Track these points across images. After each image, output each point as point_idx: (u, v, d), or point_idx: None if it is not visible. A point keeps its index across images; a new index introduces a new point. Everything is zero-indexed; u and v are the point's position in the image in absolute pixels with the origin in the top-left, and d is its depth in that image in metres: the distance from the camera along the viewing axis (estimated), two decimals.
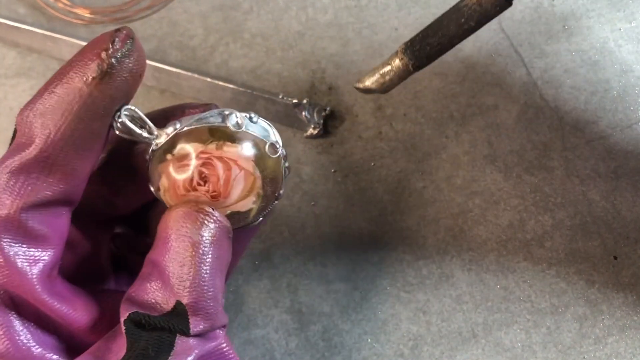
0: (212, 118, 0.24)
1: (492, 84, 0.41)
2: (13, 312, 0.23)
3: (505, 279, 0.38)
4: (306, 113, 0.40)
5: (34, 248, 0.23)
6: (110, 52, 0.22)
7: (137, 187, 0.27)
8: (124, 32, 0.22)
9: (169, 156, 0.24)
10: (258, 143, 0.25)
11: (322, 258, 0.39)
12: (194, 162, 0.24)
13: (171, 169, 0.24)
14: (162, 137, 0.24)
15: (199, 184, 0.24)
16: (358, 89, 0.31)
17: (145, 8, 0.43)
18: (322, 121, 0.40)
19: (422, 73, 0.40)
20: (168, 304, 0.22)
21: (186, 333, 0.22)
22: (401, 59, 0.30)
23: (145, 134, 0.24)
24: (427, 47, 0.29)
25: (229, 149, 0.24)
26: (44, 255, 0.23)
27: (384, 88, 0.31)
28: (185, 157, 0.24)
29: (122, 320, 0.22)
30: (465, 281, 0.38)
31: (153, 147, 0.25)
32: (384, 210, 0.39)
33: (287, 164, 0.26)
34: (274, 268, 0.39)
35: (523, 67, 0.41)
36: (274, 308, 0.39)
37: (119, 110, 0.23)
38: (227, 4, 0.43)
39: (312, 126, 0.40)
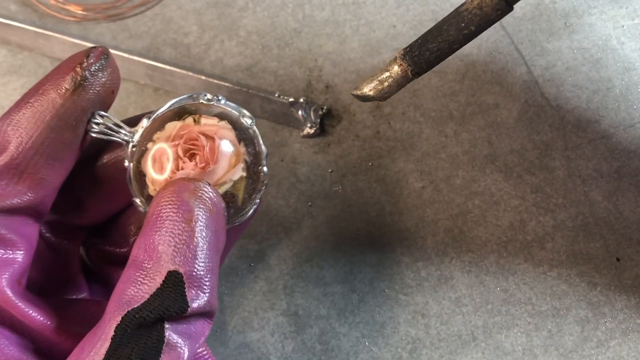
0: (184, 100, 0.26)
1: (492, 83, 0.41)
2: None
3: (505, 281, 0.38)
4: (302, 112, 0.40)
5: (2, 253, 0.23)
6: (84, 65, 0.23)
7: (105, 197, 0.27)
8: (99, 49, 0.24)
9: (149, 144, 0.25)
10: (232, 115, 0.26)
11: (319, 260, 0.39)
12: (176, 142, 0.25)
13: (155, 156, 0.25)
14: (139, 131, 0.25)
15: (185, 162, 0.25)
16: (356, 96, 0.31)
17: (139, 5, 0.43)
18: (318, 120, 0.40)
19: None
20: (157, 280, 0.22)
21: (183, 310, 0.21)
22: (400, 65, 0.29)
23: (122, 134, 0.25)
24: (426, 52, 0.28)
25: (207, 121, 0.25)
26: (12, 260, 0.24)
27: (382, 95, 0.30)
28: (167, 139, 0.25)
29: (114, 325, 0.22)
30: (465, 283, 0.38)
31: (132, 145, 0.25)
32: (381, 211, 0.39)
33: (264, 147, 0.27)
34: (269, 270, 0.39)
35: (524, 65, 0.41)
36: (269, 311, 0.38)
37: (93, 115, 0.25)
38: (222, 1, 0.43)
39: (309, 125, 0.40)
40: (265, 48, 0.42)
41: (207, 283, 0.22)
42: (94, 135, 0.25)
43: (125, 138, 0.25)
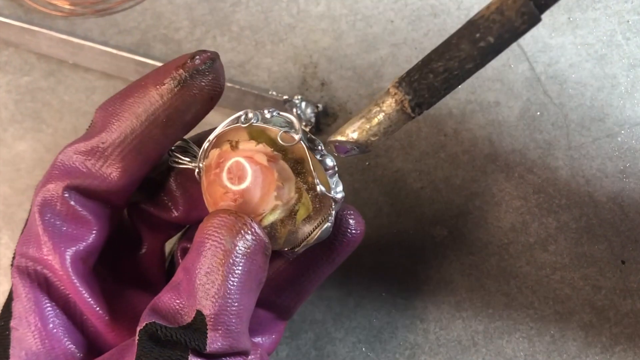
0: (230, 122, 0.25)
1: (493, 79, 0.41)
2: (45, 295, 0.25)
3: (507, 284, 0.38)
4: (297, 110, 0.40)
5: (73, 228, 0.25)
6: (187, 66, 0.24)
7: (192, 200, 0.28)
8: (208, 53, 0.25)
9: (202, 173, 0.26)
10: (273, 137, 0.25)
11: None
12: (217, 171, 0.25)
13: (205, 185, 0.26)
14: (200, 157, 0.26)
15: (226, 191, 0.25)
16: (335, 142, 0.24)
17: None
18: (314, 118, 0.40)
19: None
20: (189, 316, 0.23)
21: (201, 349, 0.22)
22: (394, 95, 0.23)
23: (191, 161, 0.26)
24: (429, 75, 0.22)
25: (244, 146, 0.25)
26: (82, 237, 0.25)
27: (370, 138, 0.23)
28: (210, 167, 0.25)
29: (137, 329, 0.23)
30: (465, 287, 0.38)
31: (197, 170, 0.26)
32: (379, 212, 0.39)
33: (329, 161, 0.25)
34: None
35: (526, 61, 0.41)
36: None
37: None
38: None
39: (304, 124, 0.40)
40: (259, 44, 0.42)
41: (232, 327, 0.23)
42: (171, 161, 0.26)
43: (193, 167, 0.26)
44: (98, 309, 0.25)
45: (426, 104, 0.23)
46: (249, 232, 0.23)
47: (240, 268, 0.23)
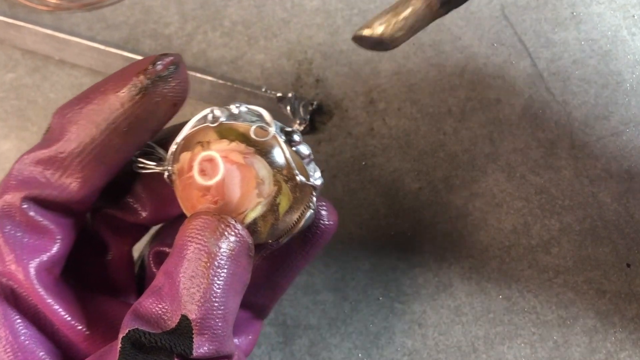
0: (197, 122, 0.25)
1: (493, 76, 0.41)
2: (13, 308, 0.25)
3: (508, 288, 0.38)
4: (291, 107, 0.40)
5: (35, 239, 0.25)
6: (148, 73, 0.24)
7: (159, 200, 0.28)
8: (170, 57, 0.24)
9: (173, 177, 0.26)
10: (244, 132, 0.24)
11: (309, 265, 0.38)
12: (191, 173, 0.25)
13: (180, 189, 0.25)
14: (169, 160, 0.26)
15: (204, 194, 0.25)
16: (359, 38, 0.25)
17: None
18: (308, 116, 0.40)
19: (417, 64, 0.41)
20: (173, 320, 0.22)
21: (187, 354, 0.22)
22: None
23: (159, 165, 0.26)
24: None
25: (216, 146, 0.24)
26: (44, 247, 0.25)
27: (396, 34, 0.25)
28: (183, 171, 0.25)
29: (120, 336, 0.22)
30: (465, 291, 0.38)
31: (167, 174, 0.26)
32: (376, 213, 0.39)
33: (305, 149, 0.25)
34: None
35: (528, 57, 0.41)
36: None
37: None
38: None
39: (298, 122, 0.40)
40: (252, 39, 0.42)
41: (218, 331, 0.23)
42: (136, 168, 0.26)
43: (162, 170, 0.26)
44: (68, 318, 0.25)
45: (453, 3, 0.25)
46: (233, 233, 0.23)
47: (225, 271, 0.23)
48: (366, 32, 0.25)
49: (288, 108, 0.40)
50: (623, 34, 0.41)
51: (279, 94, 0.40)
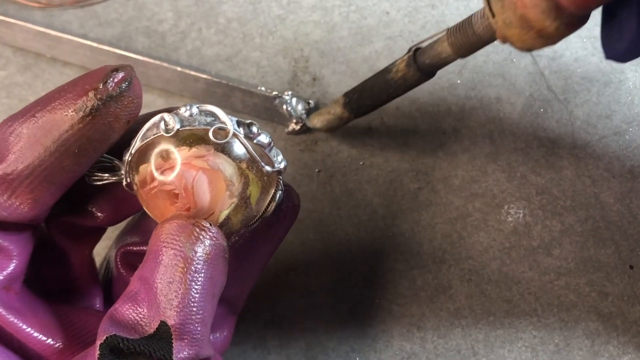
0: (149, 131, 0.25)
1: (494, 74, 0.41)
2: None
3: (508, 290, 0.38)
4: (287, 106, 0.40)
5: None
6: (99, 92, 0.23)
7: (115, 201, 0.28)
8: (122, 73, 0.23)
9: (134, 187, 0.25)
10: (205, 137, 0.24)
11: (305, 267, 0.39)
12: (155, 184, 0.24)
13: (146, 200, 0.25)
14: (122, 169, 0.25)
15: (173, 202, 0.24)
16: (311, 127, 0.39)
17: None
18: (305, 115, 0.40)
19: None
20: (151, 326, 0.23)
21: (167, 359, 0.22)
22: (342, 110, 0.37)
23: (114, 175, 0.26)
24: (363, 105, 0.36)
25: (177, 154, 0.24)
26: (1, 267, 0.24)
27: (324, 129, 0.39)
28: (145, 182, 0.25)
29: (97, 343, 0.22)
30: (465, 293, 0.38)
31: (125, 183, 0.25)
32: (373, 214, 0.39)
33: (264, 138, 0.26)
34: None
35: (528, 55, 0.41)
36: (251, 323, 0.38)
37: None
38: None
39: (294, 121, 0.40)
40: (247, 37, 0.42)
41: (197, 335, 0.23)
42: (90, 180, 0.25)
43: (118, 181, 0.26)
44: (35, 333, 0.25)
45: (360, 115, 0.37)
46: (208, 236, 0.23)
47: (202, 275, 0.23)
48: (309, 123, 0.39)
49: (284, 107, 0.40)
50: None
51: (275, 93, 0.40)
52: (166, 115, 0.24)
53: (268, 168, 0.25)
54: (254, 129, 0.25)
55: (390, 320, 0.38)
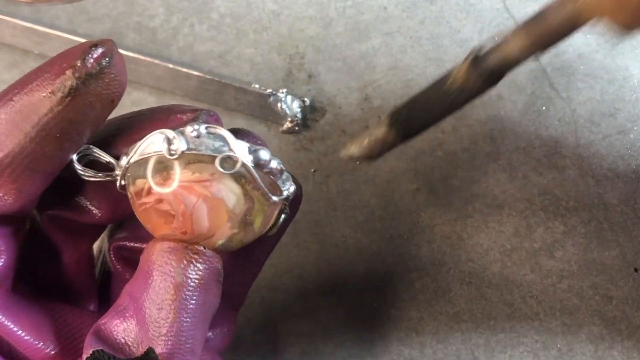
0: (154, 145, 0.23)
1: None
2: None
3: (509, 294, 0.38)
4: (282, 104, 0.40)
5: None
6: (77, 69, 0.21)
7: (111, 198, 0.27)
8: (102, 48, 0.22)
9: (128, 194, 0.24)
10: (207, 161, 0.23)
11: (300, 270, 0.39)
12: (150, 200, 0.24)
13: (139, 210, 0.24)
14: (117, 170, 0.24)
15: (168, 222, 0.24)
16: (348, 156, 0.34)
17: None
18: (300, 114, 0.40)
19: (414, 58, 0.42)
20: (139, 349, 0.22)
21: None
22: (388, 132, 0.33)
23: (106, 174, 0.25)
24: (414, 125, 0.32)
25: (178, 177, 0.23)
26: None
27: (367, 156, 0.34)
28: (140, 194, 0.24)
29: (84, 356, 0.22)
30: (464, 297, 0.38)
31: (118, 184, 0.25)
32: (371, 215, 0.39)
33: (275, 164, 0.25)
34: None
35: None
36: (245, 327, 0.38)
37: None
38: None
39: (289, 119, 0.40)
40: (240, 33, 0.42)
41: None
42: (82, 175, 0.24)
43: (111, 179, 0.25)
44: (24, 335, 0.24)
45: (407, 139, 0.33)
46: (201, 260, 0.22)
47: (194, 302, 0.22)
48: (343, 153, 0.34)
49: (279, 105, 0.40)
50: None
51: (269, 90, 0.40)
52: (170, 134, 0.23)
53: (275, 198, 0.24)
54: (265, 156, 0.24)
55: (388, 325, 0.38)
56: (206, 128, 0.23)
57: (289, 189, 0.25)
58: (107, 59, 0.22)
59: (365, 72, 0.41)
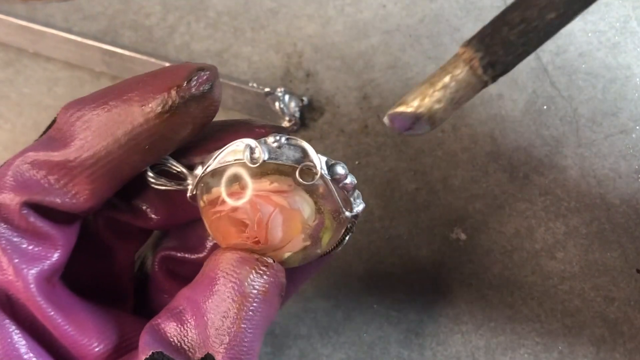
0: (234, 154, 0.24)
1: None
2: (9, 317, 0.24)
3: (510, 295, 0.38)
4: (280, 103, 0.40)
5: (34, 246, 0.24)
6: (181, 90, 0.22)
7: (169, 204, 0.27)
8: (206, 75, 0.23)
9: (201, 203, 0.25)
10: (287, 171, 0.24)
11: None
12: (225, 208, 0.24)
13: (211, 218, 0.25)
14: (190, 180, 0.25)
15: (241, 231, 0.24)
16: (393, 116, 0.23)
17: None
18: (298, 113, 0.40)
19: (413, 57, 0.41)
20: (196, 354, 0.23)
21: None
22: (462, 54, 0.22)
23: (178, 184, 0.25)
24: (504, 27, 0.21)
25: (256, 185, 0.24)
26: (45, 255, 0.24)
27: (434, 110, 0.22)
28: (214, 203, 0.24)
29: (141, 356, 0.22)
30: (465, 298, 0.38)
31: (189, 194, 0.25)
32: (370, 215, 0.39)
33: (349, 180, 0.25)
34: None
35: None
36: None
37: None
38: None
39: (287, 119, 0.40)
40: (238, 31, 0.42)
41: None
42: (152, 184, 0.25)
43: (182, 189, 0.25)
44: (69, 329, 0.24)
45: (500, 64, 0.21)
46: (269, 272, 0.23)
47: (259, 313, 0.23)
48: (400, 109, 0.22)
49: (277, 104, 0.40)
50: (632, 25, 0.41)
51: (267, 89, 0.40)
52: (252, 143, 0.23)
53: (347, 214, 0.25)
54: (340, 170, 0.25)
55: (388, 327, 0.38)
56: (287, 139, 0.24)
57: (359, 206, 0.26)
58: (210, 84, 0.23)
59: (364, 70, 0.41)
